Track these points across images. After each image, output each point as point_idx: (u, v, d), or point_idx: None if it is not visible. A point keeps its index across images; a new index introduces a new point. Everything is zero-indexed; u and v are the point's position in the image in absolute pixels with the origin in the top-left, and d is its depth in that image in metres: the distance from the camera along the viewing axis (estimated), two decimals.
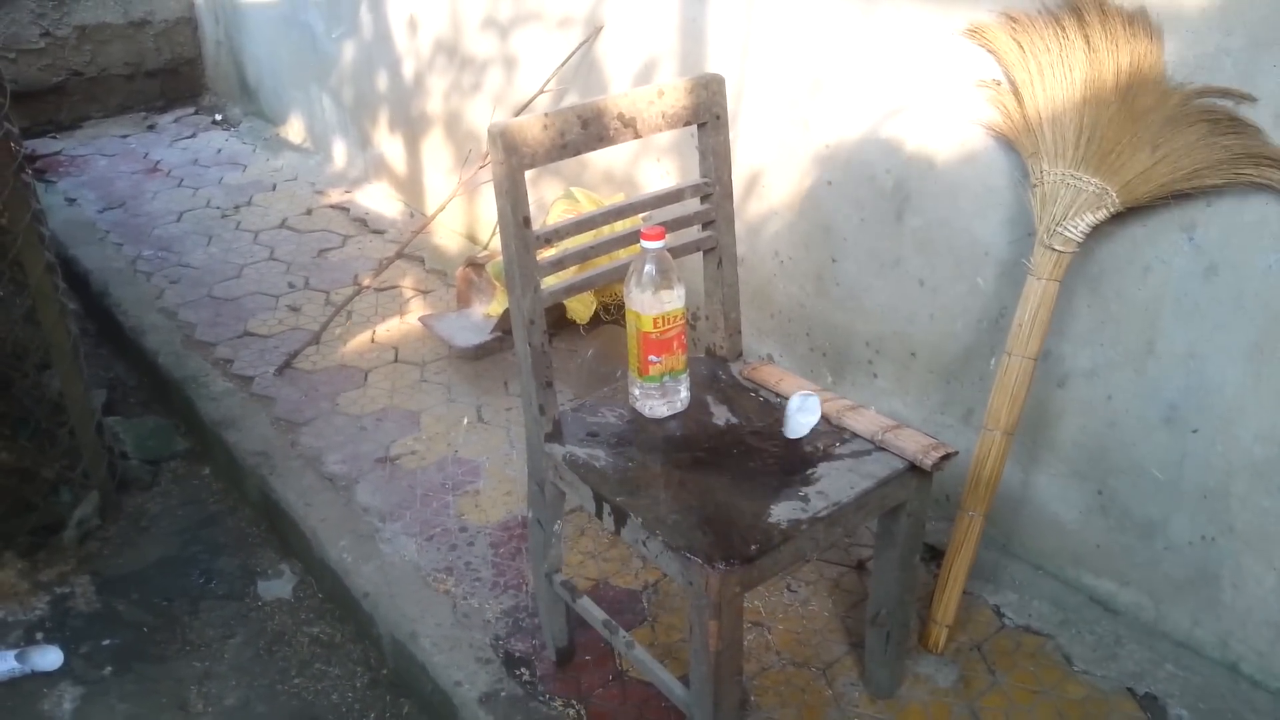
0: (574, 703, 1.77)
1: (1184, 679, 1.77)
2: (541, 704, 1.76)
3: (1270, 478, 1.63)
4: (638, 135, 1.62)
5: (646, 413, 1.65)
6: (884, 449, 1.55)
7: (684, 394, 1.67)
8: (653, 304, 1.56)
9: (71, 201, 3.97)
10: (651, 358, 1.60)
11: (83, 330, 3.07)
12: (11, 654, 2.00)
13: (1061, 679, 1.79)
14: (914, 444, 1.53)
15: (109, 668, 2.03)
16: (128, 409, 2.86)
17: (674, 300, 1.57)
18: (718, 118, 1.69)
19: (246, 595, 2.22)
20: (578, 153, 1.57)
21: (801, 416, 1.62)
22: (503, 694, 1.78)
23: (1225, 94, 1.53)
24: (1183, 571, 1.78)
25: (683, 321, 1.60)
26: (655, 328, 1.57)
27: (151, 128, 4.85)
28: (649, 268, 1.55)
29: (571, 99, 2.82)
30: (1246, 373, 1.62)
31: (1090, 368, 1.81)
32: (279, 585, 2.25)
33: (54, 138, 4.70)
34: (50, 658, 2.02)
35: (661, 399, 1.64)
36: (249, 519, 2.45)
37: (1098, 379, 1.80)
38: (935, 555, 1.98)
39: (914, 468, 1.52)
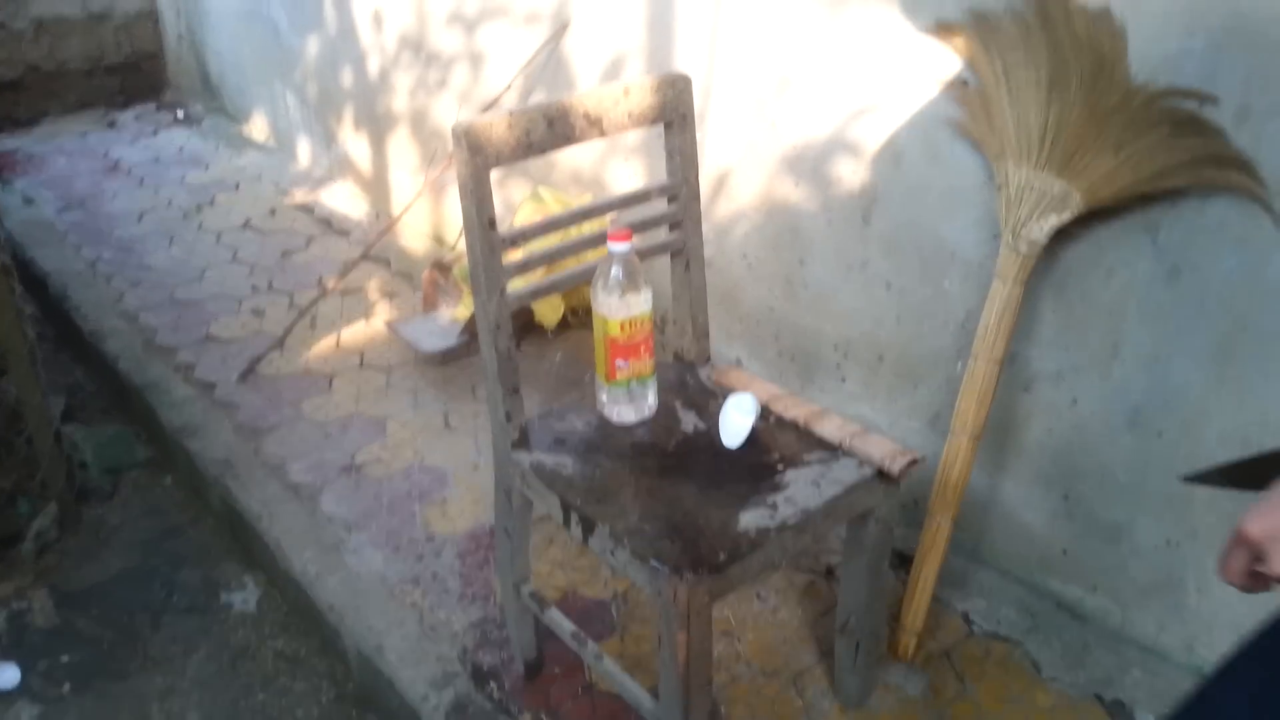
0: (543, 716, 1.75)
1: (1150, 684, 1.77)
2: (510, 718, 1.74)
3: None
4: (603, 134, 1.60)
5: (614, 418, 1.64)
6: (851, 455, 1.54)
7: (651, 400, 1.65)
8: (619, 308, 1.53)
9: (29, 201, 3.89)
10: (619, 362, 1.58)
11: (40, 335, 3.00)
12: None
13: (1030, 686, 1.79)
14: (880, 450, 1.52)
15: (68, 685, 1.98)
16: (87, 416, 2.81)
17: (641, 304, 1.55)
18: (684, 117, 1.67)
19: (209, 609, 2.18)
20: (543, 152, 1.54)
21: (738, 419, 1.58)
22: (470, 708, 1.76)
23: (1188, 95, 1.53)
24: (1148, 576, 1.79)
25: (650, 326, 1.58)
26: (622, 332, 1.55)
27: (111, 125, 4.76)
28: (615, 270, 1.53)
29: (538, 97, 2.79)
30: (1210, 375, 1.62)
31: (1055, 371, 1.81)
32: (242, 598, 2.21)
33: (10, 135, 4.61)
34: (6, 675, 1.98)
35: (629, 404, 1.62)
36: (212, 530, 2.41)
37: (1063, 382, 1.80)
38: (904, 561, 1.98)
39: (881, 474, 1.51)
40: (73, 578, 2.25)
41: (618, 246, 1.52)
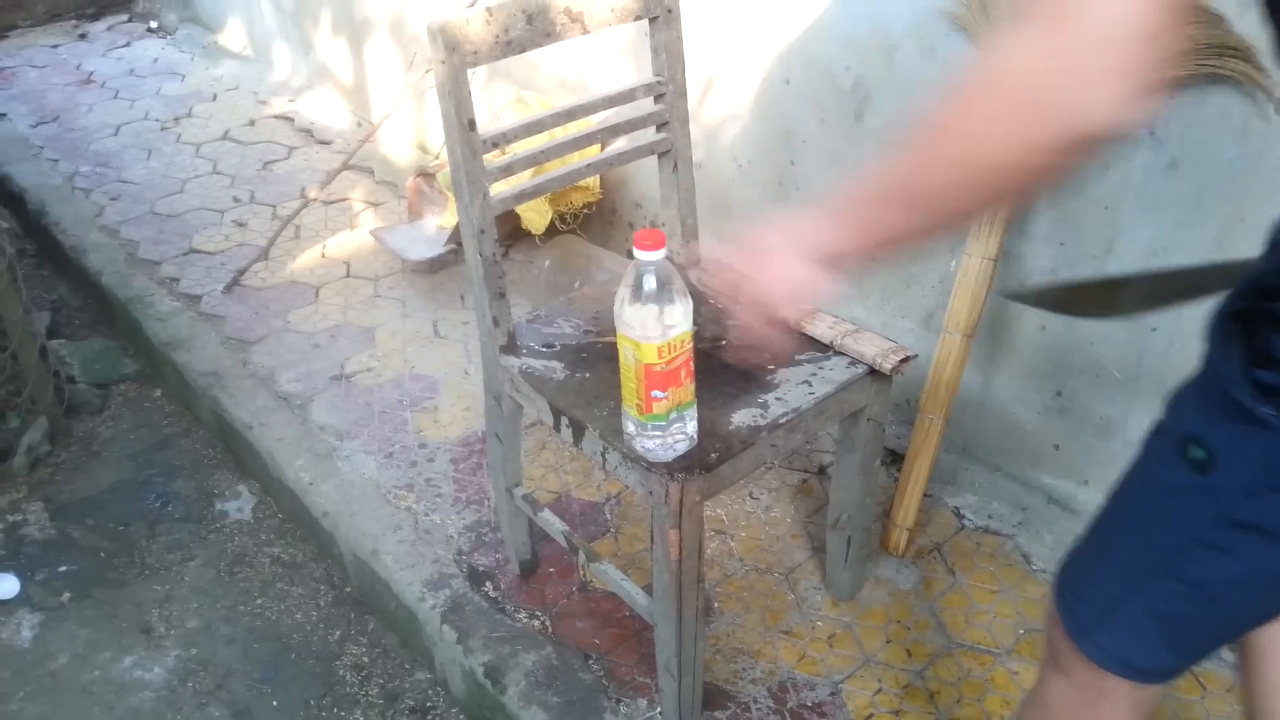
0: (538, 614, 1.77)
1: None
2: (506, 616, 1.77)
3: None
4: (586, 31, 1.54)
5: (646, 455, 1.35)
6: (843, 354, 1.54)
7: (691, 429, 1.35)
8: (655, 329, 1.23)
9: (1, 116, 3.79)
10: (655, 394, 1.28)
11: (21, 251, 2.97)
12: None
13: (1020, 578, 1.82)
14: (873, 348, 1.51)
15: (67, 594, 2.00)
16: (73, 331, 2.78)
17: (680, 319, 1.23)
18: (670, 11, 1.62)
19: (205, 518, 2.19)
20: (523, 50, 1.49)
21: None
22: (467, 608, 1.78)
23: None
24: None
25: (691, 345, 1.27)
26: (661, 358, 1.24)
27: (83, 36, 4.61)
28: (648, 281, 1.22)
29: None
30: None
31: (1050, 267, 1.79)
32: (237, 506, 2.22)
33: None
34: (6, 586, 1.99)
35: (666, 438, 1.33)
36: (204, 440, 2.40)
37: (1058, 278, 1.79)
38: (895, 459, 1.99)
39: (874, 372, 1.51)
40: (67, 490, 2.25)
41: (647, 255, 1.21)
